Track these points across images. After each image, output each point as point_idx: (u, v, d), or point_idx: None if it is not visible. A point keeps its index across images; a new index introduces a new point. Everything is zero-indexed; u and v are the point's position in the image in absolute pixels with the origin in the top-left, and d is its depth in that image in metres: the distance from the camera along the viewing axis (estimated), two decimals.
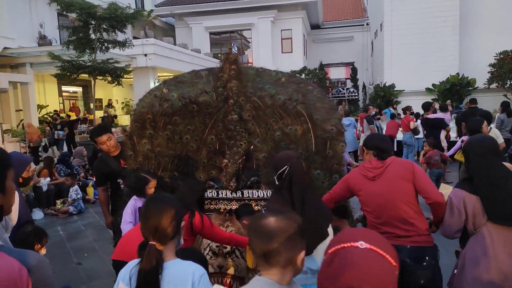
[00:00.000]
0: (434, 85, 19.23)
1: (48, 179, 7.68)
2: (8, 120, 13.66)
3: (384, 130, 10.10)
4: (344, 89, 24.65)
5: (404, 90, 19.79)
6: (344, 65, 25.83)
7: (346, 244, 1.08)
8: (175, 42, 17.48)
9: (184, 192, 2.64)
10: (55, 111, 15.08)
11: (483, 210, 2.19)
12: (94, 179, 8.19)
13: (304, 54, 23.95)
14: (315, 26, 26.66)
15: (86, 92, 19.19)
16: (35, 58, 13.05)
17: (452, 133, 9.44)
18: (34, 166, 8.04)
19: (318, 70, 22.19)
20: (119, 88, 13.98)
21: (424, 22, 19.28)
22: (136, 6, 20.29)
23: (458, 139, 7.15)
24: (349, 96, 24.17)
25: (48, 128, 13.51)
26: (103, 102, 18.91)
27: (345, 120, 8.91)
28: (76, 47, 9.97)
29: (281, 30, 22.37)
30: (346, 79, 25.71)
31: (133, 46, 10.98)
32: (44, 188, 7.47)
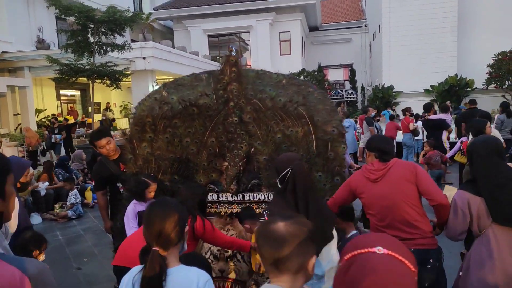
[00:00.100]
0: (432, 86, 19.28)
1: (47, 183, 7.63)
2: (6, 124, 13.62)
3: (383, 131, 10.09)
4: (342, 90, 24.70)
5: (402, 92, 19.83)
6: (343, 67, 25.91)
7: (363, 250, 1.05)
8: (173, 45, 17.47)
9: (185, 195, 2.61)
10: (53, 115, 15.03)
11: (488, 212, 2.16)
12: (92, 183, 8.15)
13: (303, 56, 23.98)
14: (313, 28, 26.72)
15: (84, 96, 19.16)
16: (33, 62, 13.03)
17: (451, 134, 9.43)
18: (32, 170, 8.01)
19: (316, 72, 22.24)
20: (117, 92, 13.96)
21: (422, 23, 19.33)
22: (134, 9, 20.27)
23: (458, 140, 7.14)
24: (347, 97, 24.21)
25: (46, 132, 13.46)
26: (101, 106, 18.88)
27: (344, 122, 8.87)
28: (74, 51, 9.94)
29: (279, 32, 22.41)
30: (345, 80, 25.80)
31: (131, 49, 10.96)
32: (43, 193, 7.41)
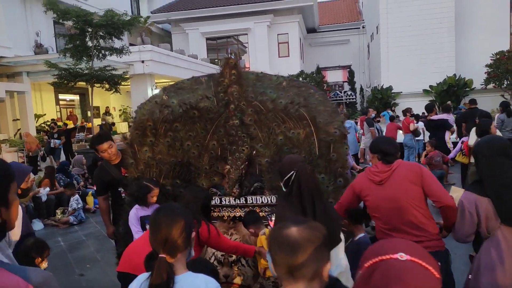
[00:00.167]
0: (431, 86, 19.28)
1: (48, 189, 7.58)
2: (5, 130, 13.57)
3: (384, 132, 10.08)
4: (341, 92, 24.69)
5: (401, 92, 19.84)
6: (341, 68, 25.92)
7: (385, 257, 1.01)
8: (171, 48, 17.46)
9: (188, 199, 2.58)
10: (52, 120, 15.00)
11: (496, 213, 2.13)
12: (94, 188, 8.11)
13: (301, 58, 24.00)
14: (311, 30, 26.75)
15: (84, 100, 19.13)
16: (31, 67, 13.01)
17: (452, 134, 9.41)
18: (33, 176, 7.98)
19: (315, 74, 22.25)
20: (116, 96, 13.94)
21: (420, 24, 19.36)
22: (132, 13, 20.29)
23: (458, 140, 7.12)
24: (346, 99, 24.21)
25: (46, 137, 13.43)
26: (101, 110, 18.85)
27: (345, 123, 8.86)
28: (73, 55, 9.92)
29: (277, 35, 22.42)
30: (344, 82, 25.80)
31: (130, 53, 10.94)
32: (44, 198, 7.37)
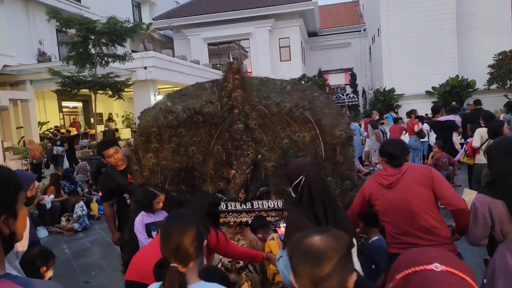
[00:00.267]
0: (434, 88, 19.21)
1: (52, 196, 7.58)
2: (9, 138, 13.63)
3: (388, 134, 10.04)
4: (344, 95, 24.69)
5: (404, 94, 19.78)
6: (343, 71, 25.95)
7: (418, 268, 0.96)
8: (174, 54, 17.53)
9: (195, 205, 2.55)
10: (56, 127, 15.05)
11: (510, 216, 2.09)
12: (98, 194, 8.10)
13: (303, 62, 24.02)
14: (312, 34, 26.78)
15: (87, 107, 19.20)
16: (35, 75, 13.07)
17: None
18: (38, 183, 7.98)
19: (317, 77, 22.25)
20: (119, 102, 13.97)
21: (421, 25, 19.34)
22: (134, 20, 20.39)
23: (463, 140, 7.08)
24: (349, 101, 24.20)
25: (50, 145, 13.47)
26: (104, 116, 18.91)
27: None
28: (76, 63, 9.97)
29: (279, 39, 22.46)
30: (346, 85, 25.82)
31: (132, 59, 10.99)
32: (48, 206, 7.36)
